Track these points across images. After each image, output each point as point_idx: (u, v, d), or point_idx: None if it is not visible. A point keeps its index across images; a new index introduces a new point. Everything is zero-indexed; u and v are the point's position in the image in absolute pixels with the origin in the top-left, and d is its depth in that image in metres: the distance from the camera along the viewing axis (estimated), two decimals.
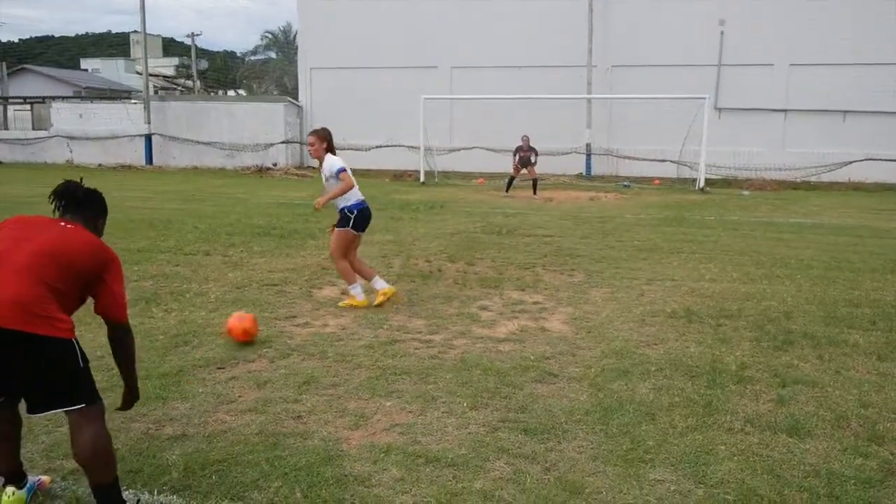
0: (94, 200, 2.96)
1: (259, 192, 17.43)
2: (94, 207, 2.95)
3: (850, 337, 5.32)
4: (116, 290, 2.76)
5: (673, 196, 18.13)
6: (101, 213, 3.01)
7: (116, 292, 2.75)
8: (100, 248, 2.75)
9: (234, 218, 11.79)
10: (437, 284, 7.04)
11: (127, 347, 2.84)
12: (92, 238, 2.78)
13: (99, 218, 2.99)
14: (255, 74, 53.37)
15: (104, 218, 3.04)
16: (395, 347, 4.96)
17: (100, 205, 2.99)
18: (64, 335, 2.53)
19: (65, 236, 2.69)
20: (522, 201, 16.21)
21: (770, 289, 6.98)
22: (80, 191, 2.91)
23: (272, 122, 27.32)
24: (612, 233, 10.76)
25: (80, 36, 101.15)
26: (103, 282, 2.71)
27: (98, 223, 2.97)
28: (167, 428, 3.59)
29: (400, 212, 13.30)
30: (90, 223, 2.89)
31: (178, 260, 8.06)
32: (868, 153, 22.16)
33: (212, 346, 4.94)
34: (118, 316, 2.77)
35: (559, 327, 5.57)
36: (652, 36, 23.85)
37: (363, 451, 3.36)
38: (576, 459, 3.31)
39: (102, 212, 3.01)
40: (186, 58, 53.11)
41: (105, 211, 3.03)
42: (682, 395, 4.12)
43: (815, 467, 3.25)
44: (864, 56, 22.28)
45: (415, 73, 25.85)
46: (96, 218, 2.96)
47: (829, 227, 12.00)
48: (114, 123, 28.88)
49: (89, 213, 2.92)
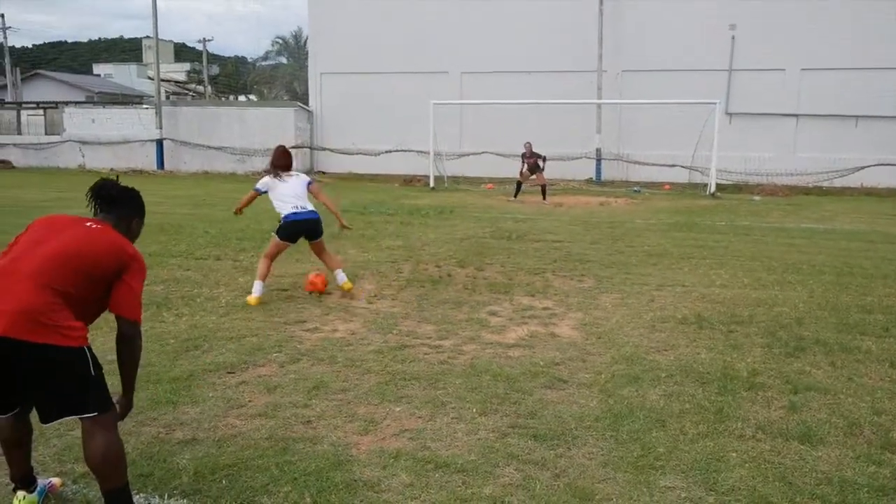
0: (129, 199, 2.91)
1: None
2: (128, 207, 2.91)
3: (862, 343, 5.28)
4: (134, 287, 2.70)
5: (683, 201, 18.06)
6: (136, 213, 2.95)
7: (134, 288, 2.70)
8: (121, 249, 2.70)
9: (245, 223, 11.83)
10: (446, 290, 7.04)
11: (134, 350, 2.76)
12: (115, 238, 2.72)
13: (133, 217, 2.93)
14: (265, 79, 53.76)
15: (140, 218, 2.98)
16: (404, 353, 4.96)
17: (135, 204, 2.94)
18: (74, 343, 2.49)
19: (87, 237, 2.65)
20: (532, 206, 16.20)
21: (782, 295, 6.93)
22: (114, 189, 2.87)
23: (282, 127, 27.43)
24: (622, 238, 10.73)
25: (92, 41, 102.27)
26: (121, 280, 2.67)
27: (132, 223, 2.92)
28: (178, 432, 3.61)
29: (410, 217, 13.32)
30: (123, 223, 2.84)
31: (189, 264, 8.10)
32: (880, 158, 21.99)
33: (222, 350, 4.96)
34: (131, 313, 2.70)
35: (569, 333, 5.56)
36: (662, 40, 23.78)
37: (372, 457, 3.36)
38: (585, 466, 3.30)
39: (137, 212, 2.96)
40: (198, 63, 53.57)
41: (141, 211, 2.98)
42: (692, 401, 4.09)
43: (827, 475, 3.23)
44: (874, 60, 22.12)
45: (425, 78, 25.90)
46: (130, 217, 2.91)
47: (841, 233, 11.92)
48: (126, 128, 29.11)
49: (123, 212, 2.87)
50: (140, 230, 3.00)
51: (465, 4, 25.65)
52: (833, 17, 22.39)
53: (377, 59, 26.65)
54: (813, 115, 23.23)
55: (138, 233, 2.97)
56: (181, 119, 28.83)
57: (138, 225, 2.97)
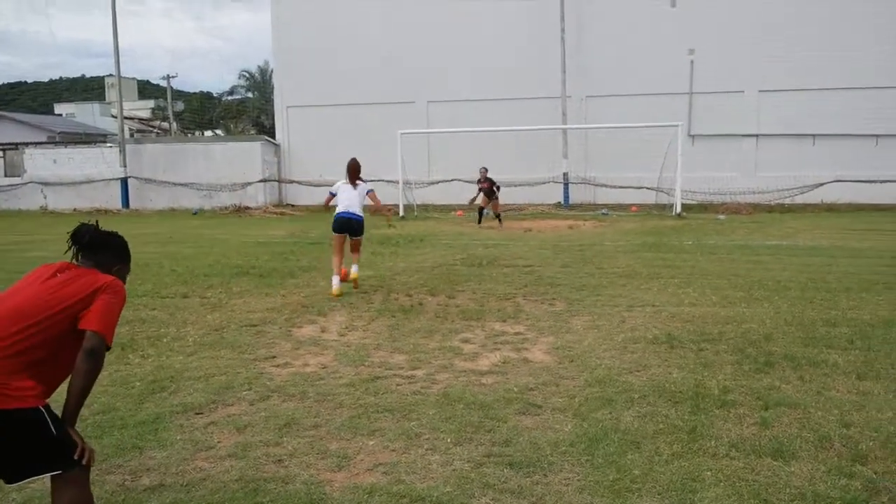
0: (106, 246, 2.75)
1: (238, 232, 17.34)
2: (108, 253, 2.74)
3: (829, 357, 5.36)
4: (109, 301, 2.52)
5: (650, 222, 18.32)
6: (117, 260, 2.77)
7: (108, 302, 2.52)
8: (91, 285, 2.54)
9: (213, 259, 11.70)
10: (418, 318, 7.01)
11: (89, 371, 2.47)
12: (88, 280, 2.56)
13: (114, 265, 2.74)
14: (231, 114, 53.51)
15: (122, 265, 2.79)
16: (376, 384, 4.90)
17: (115, 251, 2.77)
18: (27, 405, 2.35)
19: (47, 289, 2.52)
20: (502, 232, 16.29)
21: (749, 311, 7.03)
22: (86, 235, 2.70)
23: (250, 160, 27.32)
24: (591, 260, 10.82)
25: (54, 81, 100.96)
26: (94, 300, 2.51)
27: (113, 269, 2.72)
28: (144, 478, 3.50)
29: (380, 247, 13.29)
30: (103, 269, 2.68)
31: (155, 304, 7.95)
32: (838, 175, 22.63)
33: (190, 390, 4.85)
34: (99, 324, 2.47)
35: (541, 357, 5.55)
36: (624, 66, 24.32)
37: (346, 493, 3.29)
38: (562, 492, 3.27)
39: (118, 258, 2.78)
40: (162, 99, 53.20)
41: (122, 257, 2.80)
42: (666, 421, 4.10)
43: (800, 490, 3.24)
44: (829, 81, 22.90)
45: (391, 108, 26.07)
46: (111, 265, 2.73)
47: (804, 249, 12.17)
48: (89, 167, 28.69)
49: (102, 258, 2.72)
50: (125, 277, 2.82)
51: (430, 34, 25.98)
52: (788, 41, 23.16)
53: (343, 91, 26.80)
54: (772, 135, 23.89)
55: (123, 280, 2.79)
56: (146, 156, 28.55)
57: (121, 272, 2.78)
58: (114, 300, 2.57)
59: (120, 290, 2.62)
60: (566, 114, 24.49)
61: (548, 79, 24.60)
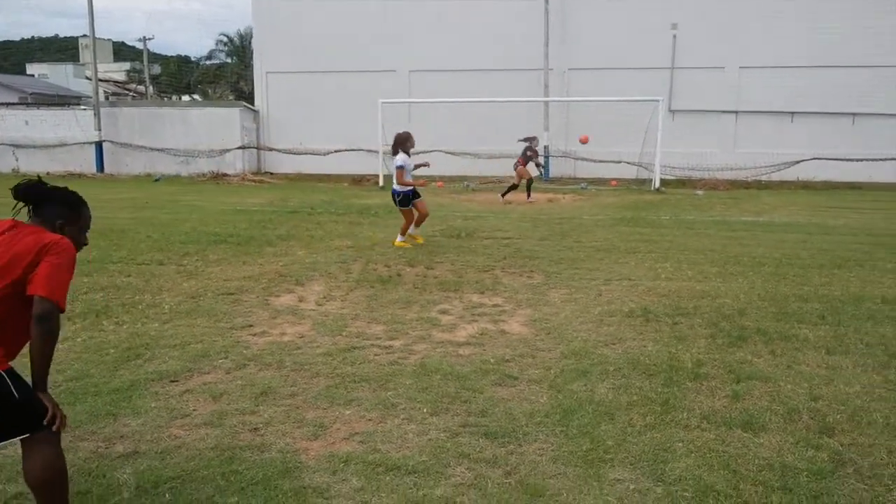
0: (48, 198, 2.58)
1: (216, 199, 17.12)
2: (52, 208, 2.59)
3: (800, 332, 5.46)
4: (54, 262, 2.38)
5: (629, 197, 18.40)
6: (62, 215, 2.60)
7: (54, 264, 2.38)
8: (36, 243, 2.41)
9: (190, 226, 11.55)
10: (396, 289, 7.00)
11: (44, 335, 2.38)
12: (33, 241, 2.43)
13: (58, 220, 2.58)
14: (209, 79, 52.49)
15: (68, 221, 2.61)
16: (353, 354, 4.90)
17: (59, 205, 2.61)
18: None
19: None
20: (482, 204, 16.26)
21: (724, 286, 7.12)
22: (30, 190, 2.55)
23: (228, 127, 26.84)
24: (570, 234, 10.86)
25: (26, 40, 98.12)
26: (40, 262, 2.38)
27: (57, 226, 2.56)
28: (118, 445, 3.48)
29: (359, 216, 13.22)
30: (49, 226, 2.54)
31: (131, 270, 7.85)
32: (815, 153, 22.85)
33: (165, 358, 4.81)
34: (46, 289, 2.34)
35: (518, 329, 5.59)
36: (607, 39, 24.18)
37: (322, 462, 3.31)
38: (536, 462, 3.31)
39: (63, 213, 2.60)
40: (139, 62, 51.97)
41: (69, 212, 2.62)
42: (640, 393, 4.16)
43: (768, 461, 3.32)
44: (808, 59, 22.98)
45: (372, 77, 25.73)
46: (54, 220, 2.57)
47: (779, 225, 12.32)
48: (62, 130, 28.02)
49: (47, 214, 2.58)
50: (80, 238, 2.67)
51: (412, 3, 25.58)
52: (769, 17, 23.14)
53: (324, 58, 26.35)
54: (752, 112, 23.98)
55: (78, 241, 2.64)
56: (122, 120, 27.93)
57: (69, 229, 2.60)
58: (58, 261, 2.43)
59: (66, 248, 2.47)
60: (548, 86, 24.37)
61: (530, 50, 24.40)
